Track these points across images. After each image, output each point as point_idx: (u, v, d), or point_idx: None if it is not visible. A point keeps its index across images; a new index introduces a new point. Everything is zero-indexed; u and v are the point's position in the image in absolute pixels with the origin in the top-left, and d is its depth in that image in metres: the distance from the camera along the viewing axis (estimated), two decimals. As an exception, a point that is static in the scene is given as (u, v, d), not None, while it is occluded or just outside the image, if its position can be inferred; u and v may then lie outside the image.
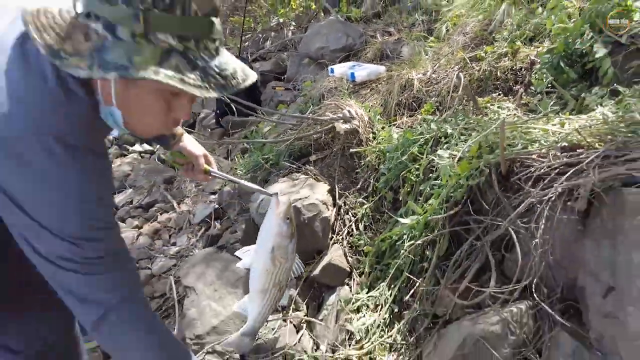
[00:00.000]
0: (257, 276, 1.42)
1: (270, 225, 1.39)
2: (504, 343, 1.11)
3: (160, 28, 0.75)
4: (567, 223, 1.14)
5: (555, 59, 1.78)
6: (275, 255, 1.37)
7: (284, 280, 1.42)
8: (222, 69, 0.82)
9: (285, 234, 1.37)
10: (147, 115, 0.88)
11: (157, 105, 0.85)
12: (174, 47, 0.77)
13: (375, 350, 1.43)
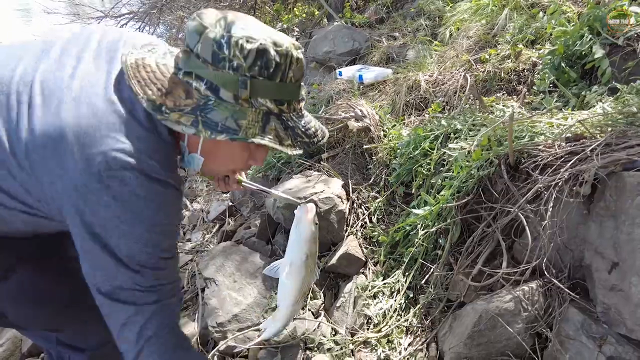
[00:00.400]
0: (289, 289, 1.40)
1: (302, 234, 1.37)
2: (517, 319, 1.20)
3: (261, 93, 0.81)
4: (573, 207, 1.24)
5: (557, 60, 1.88)
6: (309, 263, 1.38)
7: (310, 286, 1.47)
8: (307, 128, 0.89)
9: (315, 239, 1.38)
10: (230, 163, 0.96)
11: (243, 155, 0.93)
12: (272, 110, 0.83)
13: (393, 333, 1.51)
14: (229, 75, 0.79)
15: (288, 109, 0.86)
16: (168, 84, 0.82)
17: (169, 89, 0.82)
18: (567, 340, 1.13)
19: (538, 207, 1.25)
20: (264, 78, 0.80)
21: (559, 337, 1.15)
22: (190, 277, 2.28)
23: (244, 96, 0.80)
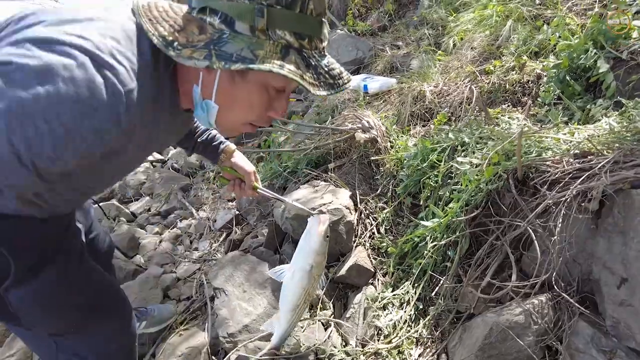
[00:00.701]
0: (290, 294, 1.47)
1: (311, 244, 1.42)
2: (527, 332, 1.22)
3: (279, 24, 0.76)
4: (582, 222, 1.26)
5: (562, 74, 1.92)
6: (313, 273, 1.43)
7: (312, 294, 1.49)
8: (330, 69, 0.84)
9: (324, 252, 1.44)
10: (249, 110, 0.88)
11: (262, 99, 0.86)
12: (291, 44, 0.78)
13: (403, 344, 1.54)
14: (245, 4, 0.75)
15: (309, 45, 0.80)
16: (181, 21, 0.79)
17: (182, 25, 0.78)
18: (577, 353, 1.16)
19: (547, 222, 1.28)
20: (282, 7, 0.75)
21: (569, 350, 1.17)
22: (198, 287, 2.31)
23: (261, 26, 0.75)
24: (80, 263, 1.17)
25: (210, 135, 1.41)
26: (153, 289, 2.30)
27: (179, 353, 1.84)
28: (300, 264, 1.45)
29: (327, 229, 1.44)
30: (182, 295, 2.29)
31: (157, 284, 2.33)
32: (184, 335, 1.93)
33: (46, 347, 1.19)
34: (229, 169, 1.44)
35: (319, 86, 0.81)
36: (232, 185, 1.47)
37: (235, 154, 1.43)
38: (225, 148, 1.42)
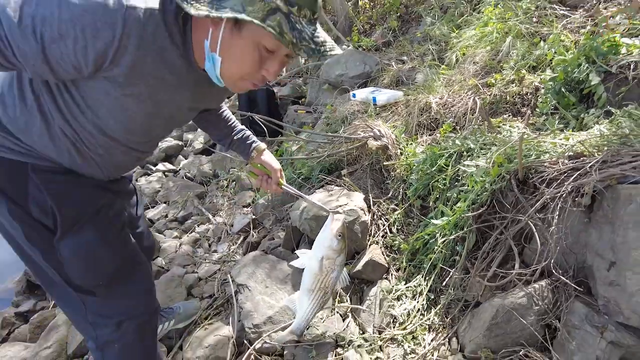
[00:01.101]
0: (307, 277, 1.65)
1: (324, 239, 1.60)
2: (529, 312, 1.38)
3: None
4: (576, 216, 1.43)
5: (557, 86, 2.10)
6: (324, 264, 1.60)
7: (330, 286, 1.64)
8: (315, 36, 0.96)
9: (335, 248, 1.59)
10: (242, 64, 1.00)
11: (253, 55, 0.99)
12: (280, 7, 0.91)
13: (417, 330, 1.69)
14: None
15: (298, 12, 0.93)
16: None
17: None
18: (573, 329, 1.31)
19: (545, 216, 1.44)
20: None
21: (566, 327, 1.33)
22: (219, 285, 2.46)
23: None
24: (121, 230, 1.36)
25: (245, 135, 1.62)
26: (178, 287, 2.45)
27: (205, 344, 1.98)
28: (314, 253, 1.63)
29: (341, 227, 1.59)
30: (204, 293, 2.44)
31: (181, 283, 2.48)
32: (209, 329, 2.08)
33: (77, 307, 1.33)
34: (259, 166, 1.62)
35: (299, 47, 0.95)
36: (260, 180, 1.65)
37: (265, 153, 1.62)
38: (257, 146, 1.62)
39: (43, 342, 2.20)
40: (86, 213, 1.24)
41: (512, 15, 2.94)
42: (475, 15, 3.50)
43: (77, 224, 1.22)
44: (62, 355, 2.15)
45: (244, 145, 1.61)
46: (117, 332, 1.36)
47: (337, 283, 1.68)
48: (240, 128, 1.62)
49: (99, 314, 1.36)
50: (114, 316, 1.36)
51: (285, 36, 0.92)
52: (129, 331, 1.37)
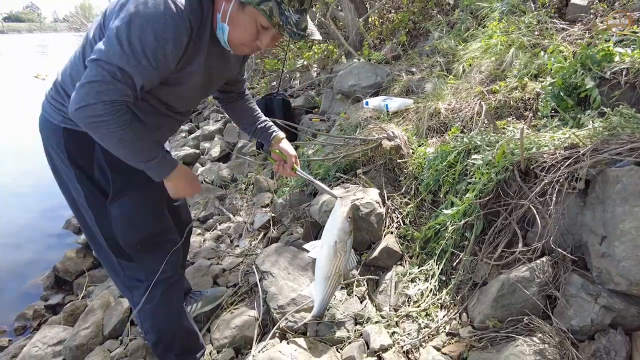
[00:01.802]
0: (321, 265, 1.82)
1: (335, 223, 1.77)
2: (532, 284, 1.54)
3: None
4: (572, 200, 1.61)
5: (557, 90, 2.30)
6: (338, 248, 1.77)
7: (342, 269, 1.82)
8: (299, 22, 1.26)
9: (347, 230, 1.76)
10: (243, 33, 1.30)
11: (252, 28, 1.29)
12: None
13: (430, 308, 1.85)
14: None
15: (288, 3, 1.23)
16: None
17: None
18: (571, 297, 1.48)
19: (544, 199, 1.62)
20: None
21: (565, 296, 1.49)
22: (243, 275, 2.63)
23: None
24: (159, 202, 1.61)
25: (267, 124, 1.89)
26: (205, 276, 2.64)
27: (232, 326, 2.15)
28: (327, 239, 1.80)
29: (350, 210, 1.78)
30: (229, 282, 2.62)
31: (208, 272, 2.66)
32: (235, 313, 2.25)
33: (118, 271, 1.63)
34: (277, 152, 1.84)
35: (284, 29, 1.26)
36: (277, 165, 1.88)
37: (283, 141, 1.87)
38: (276, 135, 1.87)
39: (82, 323, 2.39)
40: (133, 182, 1.48)
41: (515, 29, 3.16)
42: (481, 30, 3.73)
43: (124, 190, 1.48)
44: (99, 336, 2.33)
45: (266, 133, 1.88)
46: (147, 296, 1.61)
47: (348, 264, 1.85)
48: (263, 119, 1.90)
49: (133, 277, 1.63)
50: (144, 281, 1.61)
51: (274, 18, 1.24)
52: (157, 295, 1.62)
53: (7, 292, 3.66)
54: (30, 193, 5.59)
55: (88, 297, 3.15)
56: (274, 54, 7.09)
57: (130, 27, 1.14)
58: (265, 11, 1.23)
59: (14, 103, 10.92)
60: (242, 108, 1.88)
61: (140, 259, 1.59)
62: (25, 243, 4.39)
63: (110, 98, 1.18)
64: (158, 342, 1.75)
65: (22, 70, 15.21)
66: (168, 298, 1.68)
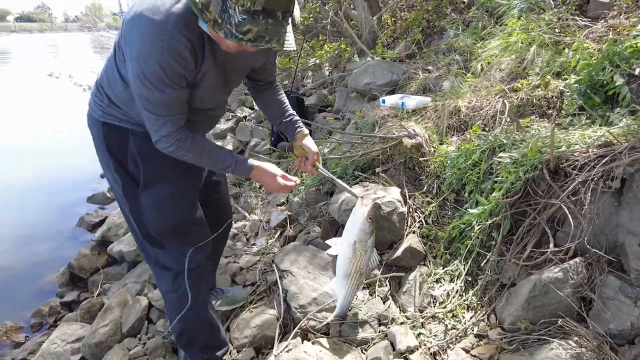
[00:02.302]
0: (341, 263, 1.80)
1: (355, 223, 1.74)
2: (565, 285, 1.50)
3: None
4: (607, 199, 1.57)
5: (583, 88, 2.25)
6: (357, 247, 1.74)
7: (363, 267, 1.78)
8: (241, 24, 1.10)
9: (367, 231, 1.73)
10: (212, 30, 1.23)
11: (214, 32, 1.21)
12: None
13: (456, 309, 1.82)
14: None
15: (236, 1, 1.09)
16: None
17: None
18: (608, 300, 1.44)
19: (577, 198, 1.58)
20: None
21: (601, 298, 1.45)
22: (261, 274, 2.61)
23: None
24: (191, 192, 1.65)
25: (293, 119, 1.86)
26: (223, 274, 2.62)
27: (252, 325, 2.12)
28: (346, 238, 1.78)
29: (370, 211, 1.74)
30: (247, 281, 2.60)
31: (226, 271, 2.65)
32: (254, 312, 2.23)
33: (151, 258, 1.69)
34: (300, 148, 1.81)
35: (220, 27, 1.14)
36: (298, 161, 1.85)
37: (307, 138, 1.83)
38: (301, 131, 1.84)
39: (100, 320, 2.38)
40: (163, 172, 1.54)
41: (535, 27, 3.11)
42: (498, 28, 3.68)
43: (155, 179, 1.54)
44: (117, 334, 2.32)
45: (291, 127, 1.85)
46: (174, 284, 1.65)
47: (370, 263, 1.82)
48: (290, 112, 1.86)
49: (162, 266, 1.66)
50: (173, 269, 1.64)
51: (207, 14, 1.13)
52: (183, 284, 1.63)
53: (23, 288, 3.67)
54: (43, 190, 5.62)
55: (104, 294, 3.14)
56: (285, 52, 7.08)
57: (140, 64, 1.24)
58: (197, 4, 1.12)
59: (31, 101, 11.06)
60: (270, 99, 1.85)
61: (169, 246, 1.64)
62: (39, 240, 4.41)
63: (168, 131, 1.35)
64: (182, 332, 1.76)
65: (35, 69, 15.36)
66: (194, 288, 1.67)
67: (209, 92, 1.46)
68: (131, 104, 1.40)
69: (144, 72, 1.24)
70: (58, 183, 5.81)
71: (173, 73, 1.25)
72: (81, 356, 2.28)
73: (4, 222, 4.80)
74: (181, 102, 1.37)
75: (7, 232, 4.57)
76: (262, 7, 1.11)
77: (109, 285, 3.24)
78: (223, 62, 1.41)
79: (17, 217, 4.91)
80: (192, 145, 1.40)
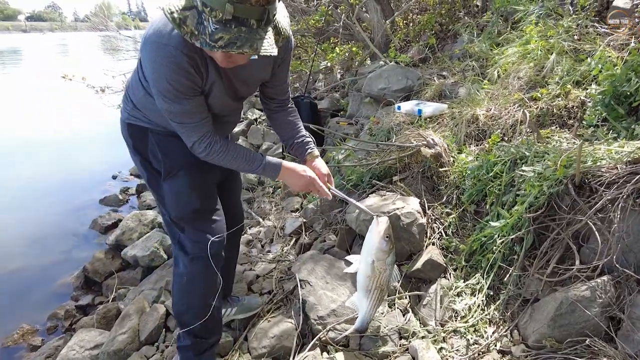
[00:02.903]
0: (361, 280, 1.82)
1: (372, 242, 1.75)
2: (593, 304, 1.48)
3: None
4: (636, 217, 1.54)
5: (607, 99, 2.22)
6: (376, 266, 1.75)
7: (384, 284, 1.80)
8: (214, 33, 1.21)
9: (385, 249, 1.74)
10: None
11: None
12: (197, 6, 1.22)
13: (478, 323, 1.80)
14: None
15: (209, 13, 1.19)
16: None
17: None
18: (637, 321, 1.42)
19: (605, 216, 1.56)
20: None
21: (631, 318, 1.43)
22: (277, 282, 2.61)
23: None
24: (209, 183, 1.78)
25: (305, 140, 1.90)
26: (238, 282, 2.62)
27: (270, 335, 2.12)
28: (364, 258, 1.79)
29: (387, 229, 1.75)
30: (263, 289, 2.60)
31: (242, 279, 2.65)
32: (272, 322, 2.22)
33: (175, 240, 1.81)
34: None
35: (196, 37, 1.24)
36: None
37: (317, 159, 1.87)
38: (311, 152, 1.88)
39: (118, 328, 2.39)
40: (181, 164, 1.69)
41: (554, 34, 3.08)
42: (514, 33, 3.65)
43: (174, 170, 1.69)
44: (135, 341, 2.33)
45: (302, 149, 1.89)
46: (189, 266, 1.76)
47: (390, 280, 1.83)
48: (302, 133, 1.91)
49: (182, 249, 1.78)
50: (190, 253, 1.76)
51: (183, 28, 1.23)
52: (197, 266, 1.75)
53: (38, 290, 3.70)
54: (57, 191, 5.67)
55: (119, 299, 3.16)
56: (296, 55, 7.08)
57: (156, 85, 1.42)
58: (175, 20, 1.23)
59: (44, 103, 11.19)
60: (283, 120, 1.91)
61: (188, 231, 1.75)
62: (53, 241, 4.44)
63: (197, 136, 1.51)
64: (182, 312, 1.86)
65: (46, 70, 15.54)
66: (205, 274, 1.78)
67: (217, 101, 1.58)
68: (150, 107, 1.59)
69: (160, 90, 1.42)
70: (71, 185, 5.86)
71: (183, 86, 1.41)
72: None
73: (18, 222, 4.85)
74: (200, 108, 1.50)
75: (21, 232, 4.62)
76: (232, 16, 1.20)
77: (123, 290, 3.26)
78: (227, 74, 1.53)
79: (30, 217, 4.96)
80: (223, 148, 1.55)
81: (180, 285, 1.84)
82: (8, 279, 3.87)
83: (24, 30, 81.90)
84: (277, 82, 1.81)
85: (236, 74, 1.56)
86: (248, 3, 1.19)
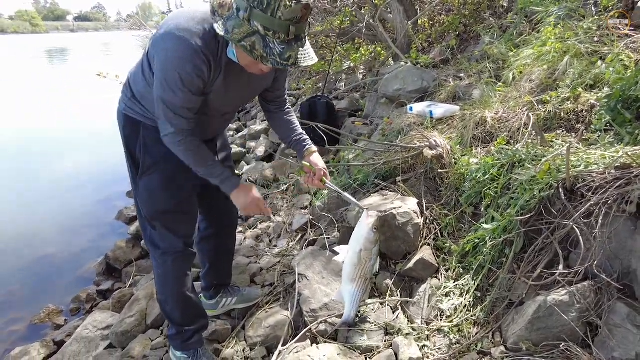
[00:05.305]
0: (347, 270, 1.94)
1: (361, 233, 1.90)
2: (571, 309, 1.48)
3: (255, 18, 1.32)
4: (621, 223, 1.52)
5: (613, 103, 2.16)
6: (362, 255, 1.89)
7: (368, 273, 1.93)
8: (283, 53, 1.35)
9: (372, 240, 1.89)
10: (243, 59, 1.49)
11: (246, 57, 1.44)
12: (259, 31, 1.33)
13: (463, 324, 1.82)
14: (243, 3, 1.33)
15: (273, 35, 1.33)
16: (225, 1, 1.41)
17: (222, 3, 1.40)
18: (614, 327, 1.40)
19: (589, 221, 1.54)
20: (259, 9, 1.31)
21: (608, 325, 1.41)
22: (279, 275, 2.70)
23: (245, 17, 1.33)
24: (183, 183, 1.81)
25: (302, 138, 2.00)
26: (242, 274, 2.73)
27: (266, 325, 2.21)
28: (352, 246, 1.93)
29: (375, 222, 1.89)
30: (265, 281, 2.69)
31: (246, 271, 2.75)
32: (269, 313, 2.31)
33: (147, 236, 1.90)
34: (308, 164, 1.94)
35: (267, 60, 1.36)
36: (307, 177, 1.99)
37: (314, 154, 1.97)
38: (309, 148, 1.98)
39: (127, 311, 2.54)
40: (160, 165, 1.75)
41: (572, 35, 3.00)
42: (535, 35, 3.57)
43: (151, 169, 1.76)
44: (142, 324, 2.48)
45: (300, 145, 1.99)
46: (160, 260, 1.89)
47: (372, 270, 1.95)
48: (300, 132, 2.02)
49: (153, 244, 1.89)
50: (161, 248, 1.88)
51: (255, 52, 1.36)
52: (168, 263, 1.89)
53: (65, 274, 3.97)
54: (88, 183, 6.02)
55: (135, 286, 3.35)
56: (321, 55, 7.15)
57: (164, 72, 1.47)
58: (246, 47, 1.35)
59: (84, 100, 11.81)
60: (281, 120, 2.02)
61: (159, 228, 1.85)
62: (82, 231, 4.74)
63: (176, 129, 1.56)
64: (163, 302, 2.01)
65: (89, 68, 16.47)
66: (176, 268, 1.92)
67: (214, 102, 1.67)
68: (149, 98, 1.63)
69: (165, 78, 1.47)
70: (103, 177, 6.19)
71: (189, 82, 1.47)
72: (109, 342, 2.46)
73: (51, 212, 5.19)
74: (191, 105, 1.56)
75: (54, 222, 4.94)
76: (294, 36, 1.35)
77: (139, 278, 3.45)
78: (231, 81, 1.61)
79: (63, 208, 5.30)
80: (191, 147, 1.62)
81: (158, 278, 1.97)
82: (40, 263, 4.18)
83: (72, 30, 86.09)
84: (277, 87, 1.94)
85: (241, 82, 1.66)
86: (303, 22, 1.35)
